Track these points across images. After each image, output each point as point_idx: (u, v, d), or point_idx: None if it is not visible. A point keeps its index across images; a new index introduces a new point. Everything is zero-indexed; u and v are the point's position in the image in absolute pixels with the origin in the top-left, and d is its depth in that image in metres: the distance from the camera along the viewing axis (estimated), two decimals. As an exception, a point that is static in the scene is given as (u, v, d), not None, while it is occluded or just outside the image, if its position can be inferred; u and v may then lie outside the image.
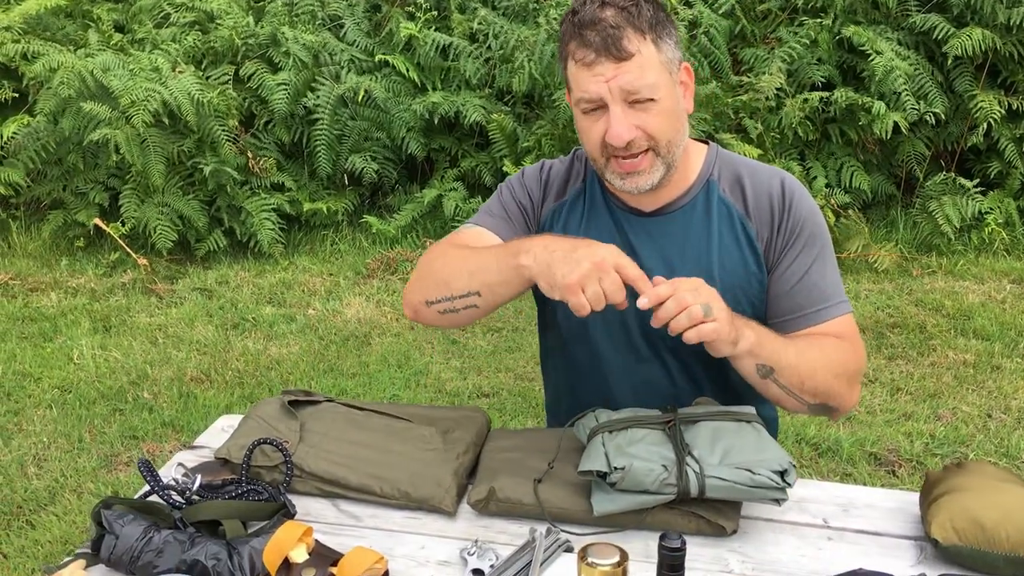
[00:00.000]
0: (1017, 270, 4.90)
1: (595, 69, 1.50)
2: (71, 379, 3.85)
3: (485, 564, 1.32)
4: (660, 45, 1.52)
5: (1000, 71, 5.27)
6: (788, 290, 1.65)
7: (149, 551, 1.29)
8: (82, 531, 2.85)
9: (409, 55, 5.54)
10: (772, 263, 1.66)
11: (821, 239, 1.67)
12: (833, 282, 1.67)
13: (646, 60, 1.50)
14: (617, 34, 1.48)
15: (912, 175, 5.42)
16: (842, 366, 1.60)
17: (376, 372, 3.88)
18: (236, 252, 5.28)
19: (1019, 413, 3.54)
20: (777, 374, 1.51)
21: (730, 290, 1.64)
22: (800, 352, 1.55)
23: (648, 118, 1.52)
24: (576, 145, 1.76)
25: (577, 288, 1.38)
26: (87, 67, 5.08)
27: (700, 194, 1.68)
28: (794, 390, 1.54)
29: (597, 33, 1.49)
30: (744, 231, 1.65)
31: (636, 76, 1.49)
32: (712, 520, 1.39)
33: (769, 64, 5.13)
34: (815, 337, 1.62)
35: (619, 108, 1.51)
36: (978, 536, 1.31)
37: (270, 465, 1.49)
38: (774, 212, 1.65)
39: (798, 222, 1.64)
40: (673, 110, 1.55)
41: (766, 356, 1.50)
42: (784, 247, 1.65)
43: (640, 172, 1.56)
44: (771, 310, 1.68)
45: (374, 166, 5.43)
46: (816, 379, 1.55)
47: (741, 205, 1.67)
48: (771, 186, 1.66)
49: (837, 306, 1.65)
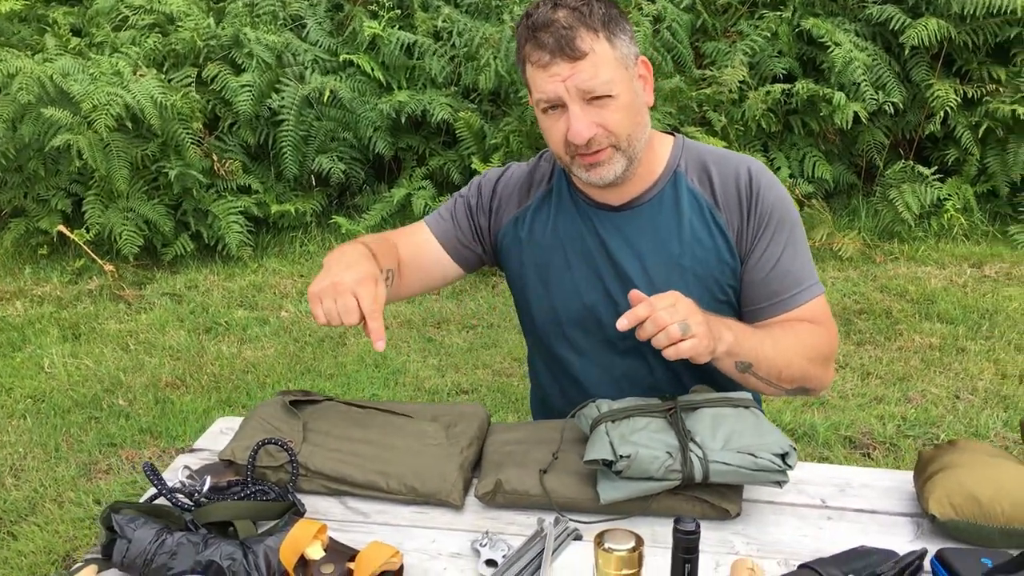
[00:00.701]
0: (976, 254, 5.01)
1: (551, 70, 1.52)
2: (43, 388, 3.81)
3: (498, 555, 1.34)
4: (614, 42, 1.54)
5: (955, 60, 5.38)
6: (762, 277, 1.68)
7: (163, 553, 1.29)
8: (65, 540, 2.83)
9: (373, 54, 5.53)
10: (745, 251, 1.68)
11: (791, 223, 1.69)
12: (805, 266, 1.70)
13: (600, 58, 1.52)
14: (570, 34, 1.50)
15: (872, 164, 5.52)
16: (816, 350, 1.64)
17: (354, 372, 3.88)
18: (204, 256, 5.24)
19: (986, 393, 3.62)
20: (755, 368, 1.55)
21: (702, 280, 1.67)
22: (776, 343, 1.58)
23: (607, 115, 1.54)
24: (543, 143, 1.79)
25: (315, 299, 1.47)
26: (46, 72, 5.01)
27: (668, 186, 1.70)
28: (772, 380, 1.58)
29: (550, 35, 1.51)
30: (714, 220, 1.68)
31: (591, 74, 1.51)
32: (716, 504, 1.42)
33: (731, 57, 5.20)
34: (789, 325, 1.66)
35: (577, 107, 1.53)
36: (974, 510, 1.36)
37: (275, 465, 1.50)
38: (742, 200, 1.67)
39: (767, 209, 1.67)
40: (632, 104, 1.58)
41: (744, 354, 1.53)
42: (756, 235, 1.67)
43: (602, 164, 1.58)
44: (746, 297, 1.71)
45: (341, 166, 5.41)
46: (792, 367, 1.59)
47: (709, 194, 1.69)
48: (738, 174, 1.68)
49: (810, 289, 1.69)
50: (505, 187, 1.82)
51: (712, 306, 1.67)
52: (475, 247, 1.84)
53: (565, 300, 1.75)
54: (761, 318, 1.69)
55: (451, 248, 1.83)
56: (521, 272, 1.80)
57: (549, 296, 1.77)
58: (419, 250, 1.81)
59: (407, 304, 4.60)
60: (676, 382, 1.73)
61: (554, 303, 1.76)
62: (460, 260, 1.84)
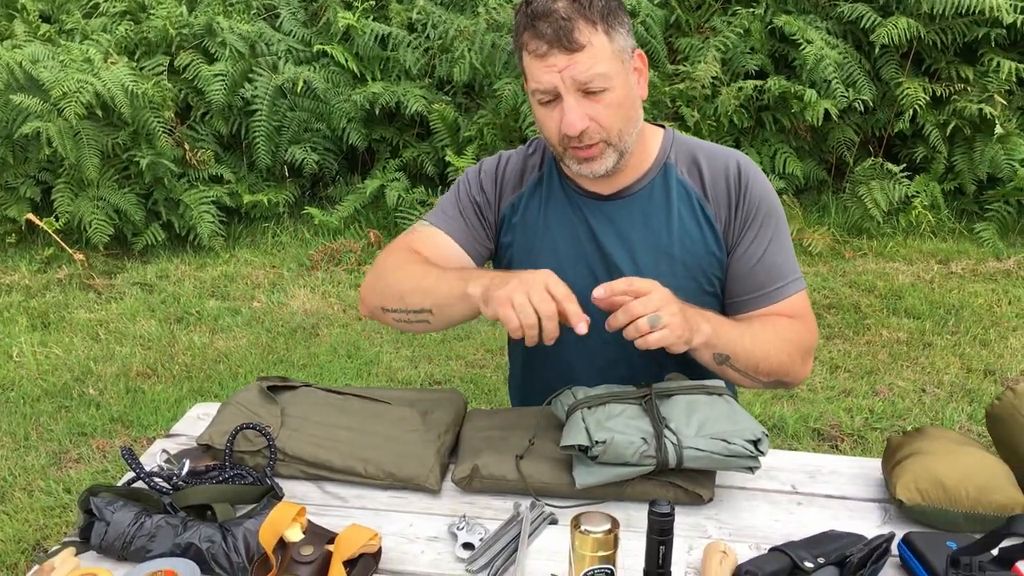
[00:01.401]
0: (943, 251, 5.09)
1: (548, 60, 1.53)
2: (12, 377, 3.77)
3: (475, 538, 1.36)
4: (612, 35, 1.55)
5: (924, 59, 5.45)
6: (748, 270, 1.70)
7: (142, 536, 1.29)
8: (35, 529, 2.81)
9: (347, 45, 5.52)
10: (731, 244, 1.71)
11: (776, 217, 1.72)
12: (788, 259, 1.73)
13: (598, 51, 1.53)
14: (568, 26, 1.51)
15: (842, 161, 5.58)
16: (795, 345, 1.67)
17: (327, 363, 3.88)
18: (175, 246, 5.21)
19: (951, 387, 3.69)
20: (733, 360, 1.58)
21: (691, 270, 1.70)
22: (754, 337, 1.61)
23: (600, 108, 1.56)
24: (525, 133, 1.80)
25: (506, 301, 1.40)
26: (15, 59, 4.96)
27: (658, 177, 1.72)
28: (749, 372, 1.61)
29: (549, 25, 1.51)
30: (703, 211, 1.70)
31: (588, 67, 1.52)
32: (689, 489, 1.45)
33: (704, 53, 5.23)
34: (769, 319, 1.69)
35: (572, 98, 1.54)
36: (940, 495, 1.39)
37: (253, 450, 1.50)
38: (731, 193, 1.70)
39: (754, 202, 1.70)
40: (626, 98, 1.59)
41: (722, 346, 1.55)
42: (742, 228, 1.70)
43: (594, 158, 1.60)
44: (730, 289, 1.74)
45: (314, 157, 5.40)
46: (770, 360, 1.62)
47: (699, 186, 1.71)
48: (727, 167, 1.71)
49: (793, 283, 1.72)
50: (504, 175, 1.82)
51: (699, 296, 1.70)
52: (488, 243, 1.82)
53: None
54: (744, 310, 1.72)
55: (469, 247, 1.78)
56: (511, 257, 1.81)
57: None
58: (447, 258, 1.75)
59: (380, 295, 4.60)
60: (657, 370, 1.75)
61: None
62: (476, 256, 1.81)
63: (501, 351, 3.96)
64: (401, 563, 1.33)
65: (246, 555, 1.27)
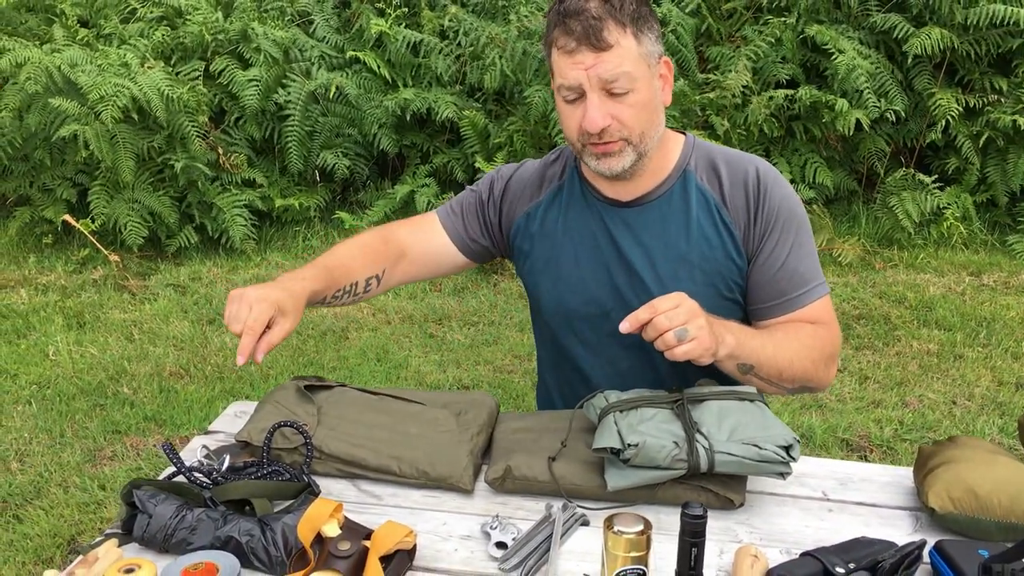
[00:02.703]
0: (975, 263, 5.05)
1: (575, 57, 1.56)
2: (48, 375, 3.83)
3: (507, 537, 1.37)
4: (640, 39, 1.57)
5: (958, 70, 5.42)
6: (769, 277, 1.71)
7: (183, 528, 1.32)
8: (70, 524, 2.85)
9: (380, 52, 5.57)
10: (752, 251, 1.72)
11: (797, 222, 1.72)
12: (811, 265, 1.73)
13: (625, 52, 1.55)
14: (598, 25, 1.53)
15: (873, 171, 5.56)
16: (818, 351, 1.67)
17: (356, 366, 3.91)
18: (207, 248, 5.27)
19: (982, 400, 3.66)
20: (757, 370, 1.59)
21: (709, 276, 1.71)
22: (777, 345, 1.62)
23: (623, 109, 1.58)
24: (555, 140, 1.82)
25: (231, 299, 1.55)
26: (54, 62, 5.04)
27: (677, 183, 1.73)
28: (773, 380, 1.62)
29: (579, 23, 1.54)
30: (722, 218, 1.71)
31: (614, 66, 1.54)
32: (720, 494, 1.46)
33: (735, 62, 5.23)
34: (792, 326, 1.69)
35: (596, 96, 1.57)
36: (972, 504, 1.39)
37: (290, 447, 1.53)
38: (749, 200, 1.70)
39: (774, 209, 1.70)
40: (649, 102, 1.61)
41: (746, 356, 1.57)
42: (763, 235, 1.70)
43: (612, 155, 1.62)
44: (753, 297, 1.75)
45: (346, 162, 5.45)
46: (794, 368, 1.63)
47: (718, 193, 1.72)
48: (746, 174, 1.71)
49: (816, 289, 1.72)
50: (517, 182, 1.86)
51: (718, 302, 1.71)
52: (483, 240, 1.88)
53: (573, 293, 1.78)
54: (767, 317, 1.72)
55: (459, 241, 1.88)
56: (531, 266, 1.84)
57: (558, 289, 1.80)
58: (428, 241, 1.87)
59: (409, 300, 4.64)
60: (680, 376, 1.76)
61: (562, 296, 1.80)
62: (468, 252, 1.89)
63: (529, 356, 3.98)
64: (435, 560, 1.35)
65: (284, 549, 1.30)
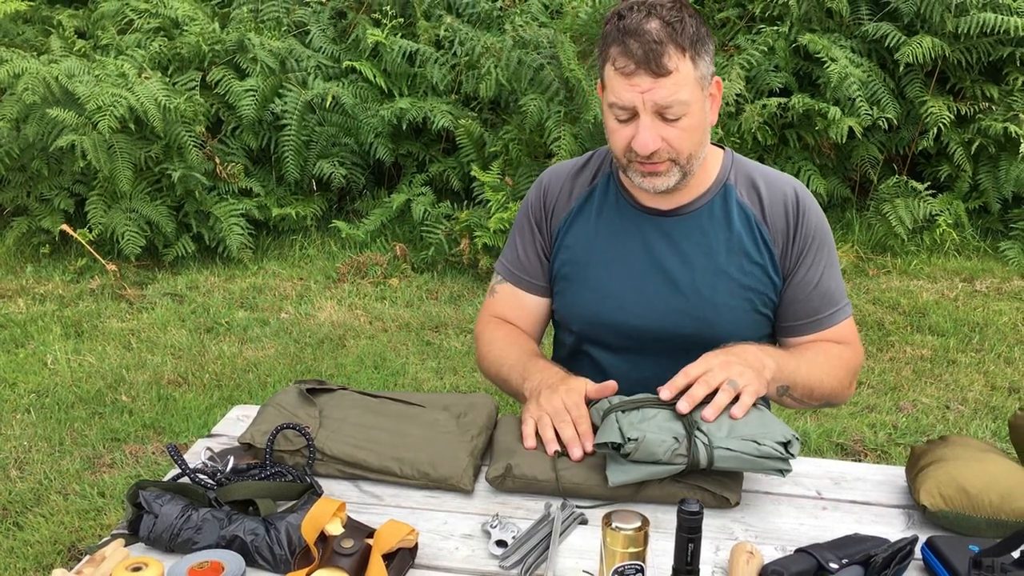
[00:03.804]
0: (967, 269, 5.09)
1: (633, 80, 1.56)
2: (47, 384, 3.85)
3: (507, 536, 1.40)
4: (697, 62, 1.58)
5: (949, 78, 5.47)
6: (804, 296, 1.76)
7: (188, 528, 1.34)
8: (71, 531, 2.87)
9: (376, 61, 5.60)
10: (788, 270, 1.76)
11: (828, 245, 1.78)
12: (840, 286, 1.80)
13: (683, 77, 1.56)
14: (659, 49, 1.53)
15: (866, 178, 5.60)
16: (844, 370, 1.74)
17: (353, 373, 3.93)
18: (204, 257, 5.29)
19: (975, 404, 3.69)
20: (792, 391, 1.65)
21: (747, 290, 1.74)
22: (811, 366, 1.68)
23: (675, 133, 1.60)
24: (550, 149, 1.84)
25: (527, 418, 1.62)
26: (52, 73, 5.06)
27: (718, 197, 1.76)
28: (804, 399, 1.69)
29: (640, 45, 1.54)
30: (762, 235, 1.74)
31: (670, 92, 1.55)
32: (717, 493, 1.48)
33: (728, 71, 5.26)
34: (821, 346, 1.75)
35: (649, 119, 1.58)
36: (963, 501, 1.42)
37: (292, 449, 1.55)
38: (789, 220, 1.74)
39: (811, 231, 1.75)
40: (699, 125, 1.63)
41: (784, 379, 1.63)
42: (800, 256, 1.75)
43: (659, 174, 1.64)
44: (785, 314, 1.79)
45: (342, 171, 5.47)
46: (824, 387, 1.70)
47: (759, 211, 1.75)
48: (785, 194, 1.75)
49: (843, 310, 1.79)
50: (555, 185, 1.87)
51: (752, 317, 1.75)
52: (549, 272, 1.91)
53: (602, 299, 1.80)
54: (798, 335, 1.78)
55: (543, 291, 1.92)
56: (564, 273, 1.86)
57: (586, 293, 1.82)
58: (529, 314, 1.93)
59: (406, 308, 4.66)
60: None
61: (591, 300, 1.82)
62: (550, 293, 1.93)
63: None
64: (436, 558, 1.37)
65: (288, 548, 1.32)
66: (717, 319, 1.74)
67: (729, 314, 1.74)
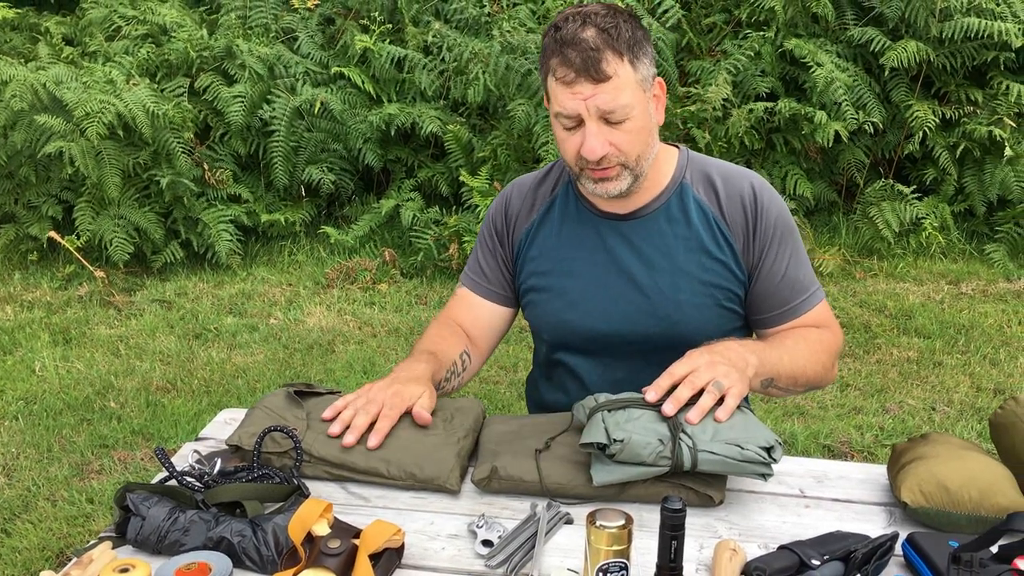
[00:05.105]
0: (953, 272, 5.13)
1: (574, 88, 1.59)
2: (35, 391, 3.84)
3: (493, 535, 1.41)
4: (636, 65, 1.61)
5: (934, 82, 5.51)
6: (772, 289, 1.78)
7: (176, 530, 1.35)
8: (59, 537, 2.87)
9: (364, 67, 5.61)
10: (752, 265, 1.77)
11: (792, 233, 1.79)
12: (807, 272, 1.81)
13: (623, 81, 1.59)
14: (596, 56, 1.56)
15: (853, 182, 5.63)
16: (825, 353, 1.76)
17: (343, 378, 3.94)
18: (193, 264, 5.29)
19: (961, 405, 3.72)
20: (776, 381, 1.67)
21: (708, 286, 1.76)
22: (792, 355, 1.69)
23: (621, 136, 1.62)
24: (539, 153, 1.87)
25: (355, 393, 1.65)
26: (39, 80, 5.06)
27: (674, 196, 1.78)
28: (789, 388, 1.70)
29: (578, 54, 1.56)
30: (721, 232, 1.76)
31: (612, 97, 1.58)
32: (701, 491, 1.49)
33: (715, 76, 5.30)
34: (799, 332, 1.77)
35: (595, 125, 1.60)
36: (943, 498, 1.43)
37: (280, 451, 1.56)
38: (747, 215, 1.75)
39: (771, 223, 1.76)
40: (644, 126, 1.65)
41: (767, 371, 1.64)
42: (763, 249, 1.76)
43: (610, 179, 1.67)
44: (757, 307, 1.81)
45: (331, 177, 5.48)
46: (807, 373, 1.71)
47: (716, 207, 1.77)
48: (742, 189, 1.77)
49: (815, 295, 1.80)
50: (517, 199, 1.90)
51: (718, 312, 1.77)
52: (513, 283, 1.93)
53: (568, 305, 1.82)
54: (772, 326, 1.80)
55: (499, 299, 1.94)
56: (527, 282, 1.88)
57: (553, 302, 1.84)
58: (479, 318, 1.94)
59: (395, 313, 4.67)
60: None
61: (558, 308, 1.84)
62: (510, 303, 1.95)
63: (514, 367, 4.02)
64: (423, 558, 1.38)
65: (275, 549, 1.33)
66: (681, 317, 1.76)
67: (693, 311, 1.76)
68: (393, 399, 1.60)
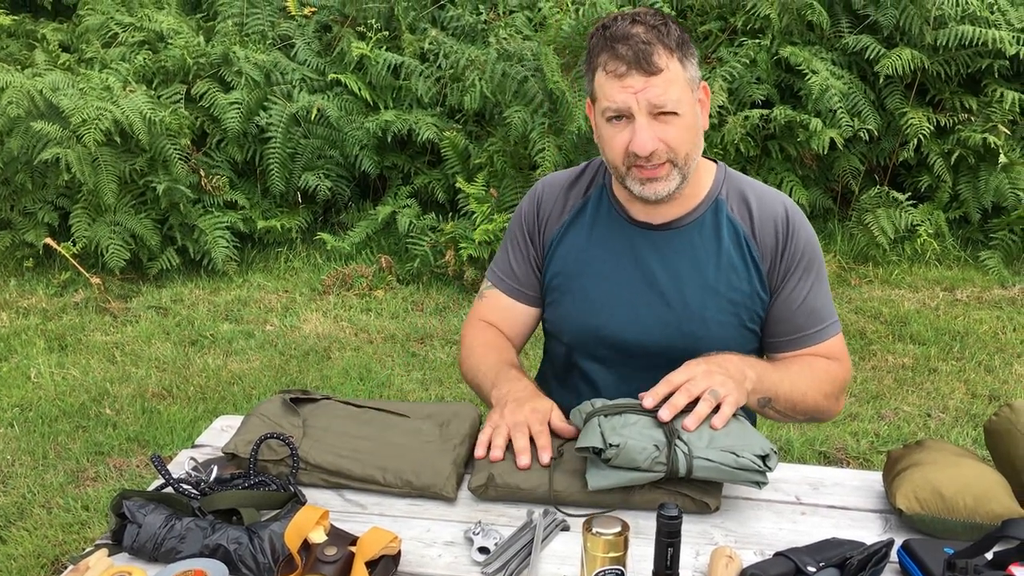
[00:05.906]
0: (948, 278, 5.14)
1: (625, 81, 1.59)
2: (30, 397, 3.84)
3: (490, 542, 1.41)
4: (685, 64, 1.62)
5: (928, 90, 5.53)
6: (790, 314, 1.78)
7: (172, 537, 1.35)
8: (54, 544, 2.86)
9: (361, 74, 5.62)
10: (775, 287, 1.77)
11: (818, 262, 1.80)
12: (827, 303, 1.81)
13: (673, 76, 1.59)
14: (648, 49, 1.57)
15: (848, 189, 5.65)
16: (830, 385, 1.75)
17: (339, 385, 3.94)
18: (189, 270, 5.29)
19: (956, 412, 3.73)
20: (774, 403, 1.66)
21: (735, 306, 1.76)
22: (794, 380, 1.69)
23: (671, 131, 1.62)
24: (535, 160, 1.87)
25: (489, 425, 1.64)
26: (36, 86, 5.07)
27: (708, 212, 1.77)
28: (787, 412, 1.70)
29: (629, 47, 1.58)
30: (750, 252, 1.76)
31: (663, 90, 1.58)
32: (697, 498, 1.50)
33: (711, 83, 5.31)
34: (807, 360, 1.77)
35: (644, 119, 1.60)
36: (939, 505, 1.44)
37: (276, 459, 1.56)
38: (778, 238, 1.76)
39: (799, 249, 1.76)
40: (693, 125, 1.65)
41: (765, 390, 1.64)
42: (787, 273, 1.76)
43: (659, 179, 1.66)
44: (771, 330, 1.81)
45: (327, 183, 5.48)
46: (807, 401, 1.71)
47: (748, 226, 1.77)
48: (775, 212, 1.77)
49: (831, 327, 1.80)
50: (549, 198, 1.89)
51: (739, 332, 1.77)
52: (542, 286, 1.93)
53: (592, 310, 1.82)
54: (784, 351, 1.80)
55: (530, 300, 1.93)
56: (552, 281, 1.88)
57: (577, 304, 1.84)
58: (510, 320, 1.94)
59: (391, 319, 4.67)
60: None
61: (582, 312, 1.83)
62: (540, 304, 1.95)
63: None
64: (420, 565, 1.38)
65: (272, 556, 1.33)
66: (706, 334, 1.76)
67: (718, 329, 1.76)
68: (532, 416, 1.62)
